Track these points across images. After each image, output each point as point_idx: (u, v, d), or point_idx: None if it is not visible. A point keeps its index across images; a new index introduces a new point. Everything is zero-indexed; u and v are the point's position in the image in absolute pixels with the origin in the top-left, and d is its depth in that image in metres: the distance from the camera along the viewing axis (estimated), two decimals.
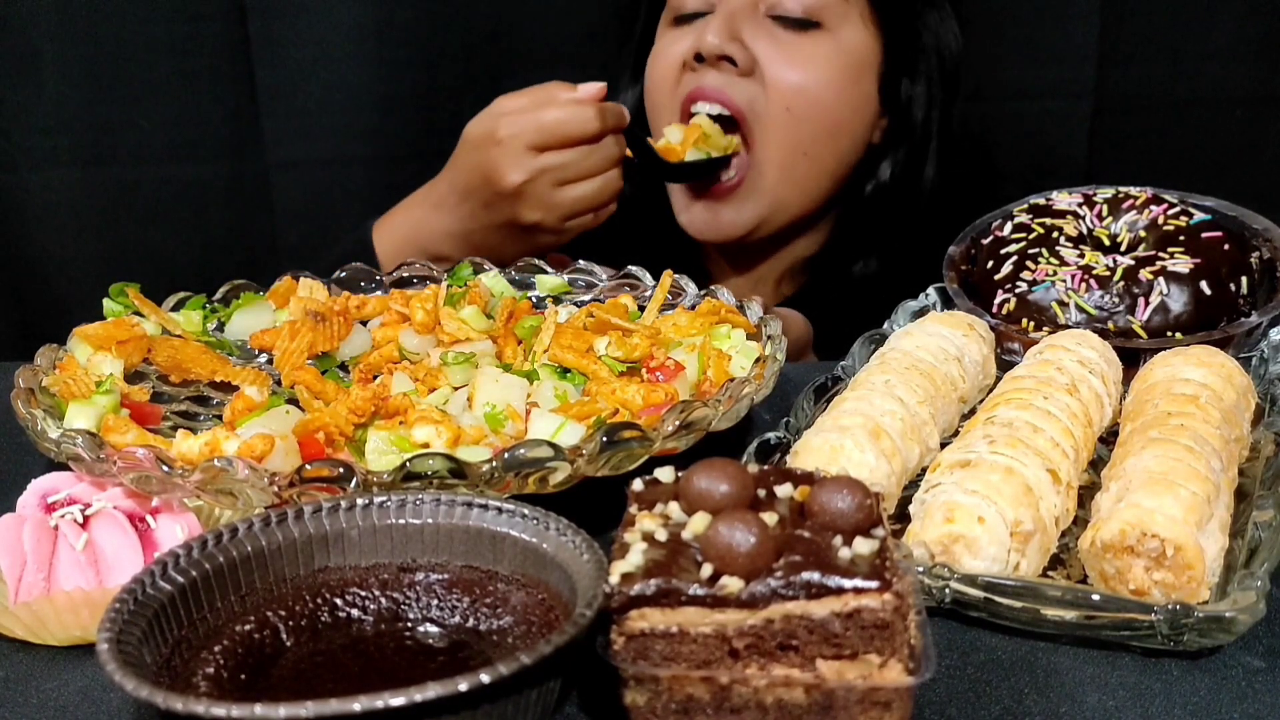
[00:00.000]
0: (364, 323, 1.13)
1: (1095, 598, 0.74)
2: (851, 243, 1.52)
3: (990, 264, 1.14)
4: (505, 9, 1.88)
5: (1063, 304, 1.07)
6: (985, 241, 1.18)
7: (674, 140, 1.42)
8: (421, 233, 1.38)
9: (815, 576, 0.61)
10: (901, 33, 1.44)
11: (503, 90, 1.34)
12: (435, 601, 0.74)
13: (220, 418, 0.98)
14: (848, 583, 0.61)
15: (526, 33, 1.86)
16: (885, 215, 1.49)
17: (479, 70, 1.89)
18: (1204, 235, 1.10)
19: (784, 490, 0.68)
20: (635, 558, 0.63)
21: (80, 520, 0.81)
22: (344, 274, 1.22)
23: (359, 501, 0.75)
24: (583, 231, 1.34)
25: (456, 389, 0.99)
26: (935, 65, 1.47)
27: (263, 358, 1.11)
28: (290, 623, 0.72)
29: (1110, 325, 1.06)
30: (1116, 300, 1.06)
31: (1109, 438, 0.94)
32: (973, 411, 0.97)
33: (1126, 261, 1.09)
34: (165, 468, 0.80)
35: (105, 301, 1.11)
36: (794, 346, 1.34)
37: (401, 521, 0.75)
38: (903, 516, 0.85)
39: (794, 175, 1.43)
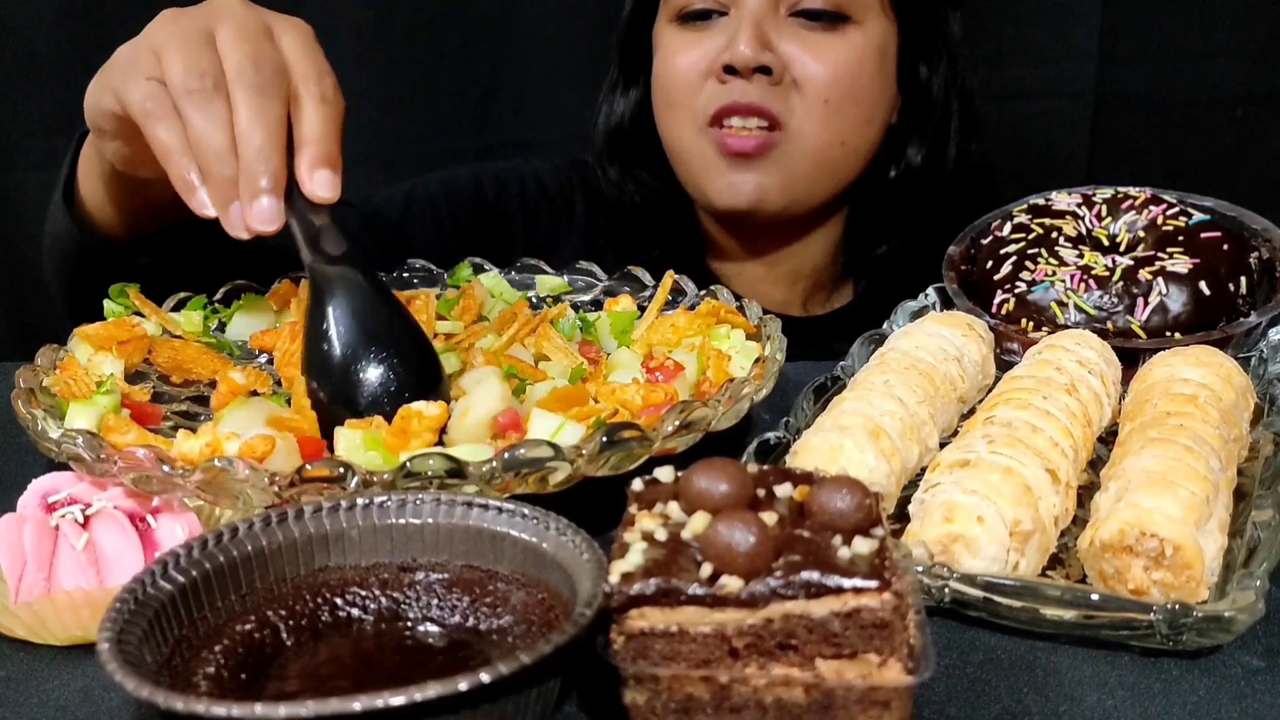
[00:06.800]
0: None
1: (1094, 597, 0.74)
2: (874, 226, 1.51)
3: (989, 264, 1.14)
4: (505, 9, 1.88)
5: (1062, 304, 1.07)
6: (984, 241, 1.18)
7: None
8: None
9: (814, 576, 0.61)
10: (919, 17, 1.43)
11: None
12: (435, 601, 0.74)
13: None
14: (847, 582, 0.61)
15: (526, 33, 1.86)
16: (909, 197, 1.48)
17: (479, 70, 1.89)
18: (1203, 235, 1.10)
19: (783, 490, 0.68)
20: (635, 557, 0.63)
21: (81, 520, 0.81)
22: None
23: (359, 501, 0.75)
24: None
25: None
26: (950, 44, 1.46)
27: (263, 358, 1.11)
28: (290, 622, 0.72)
29: (1109, 325, 1.06)
30: (1115, 300, 1.06)
31: (1108, 437, 0.94)
32: (972, 411, 0.97)
33: (1125, 261, 1.09)
34: (166, 468, 0.80)
35: (105, 302, 1.11)
36: None
37: (401, 521, 0.75)
38: (902, 516, 0.85)
39: (829, 162, 1.42)
